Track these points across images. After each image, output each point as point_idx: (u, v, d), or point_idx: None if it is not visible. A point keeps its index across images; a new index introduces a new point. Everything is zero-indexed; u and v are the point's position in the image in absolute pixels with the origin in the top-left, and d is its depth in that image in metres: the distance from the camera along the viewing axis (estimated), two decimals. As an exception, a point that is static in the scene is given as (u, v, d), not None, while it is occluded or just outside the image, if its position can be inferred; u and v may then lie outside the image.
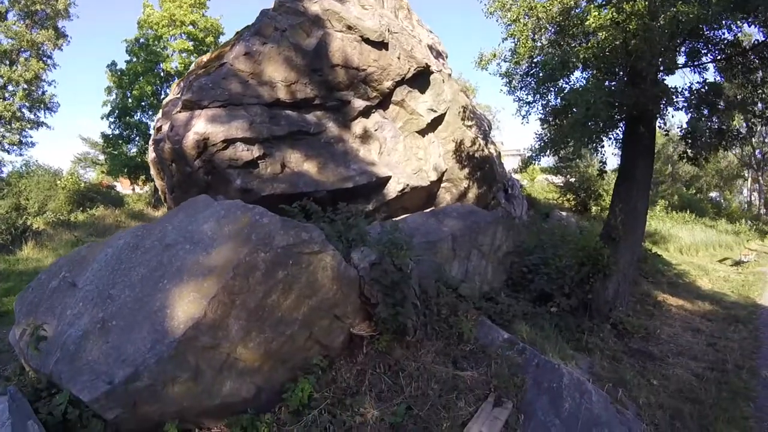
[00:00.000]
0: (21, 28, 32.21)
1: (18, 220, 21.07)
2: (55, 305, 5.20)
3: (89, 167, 46.92)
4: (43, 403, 4.39)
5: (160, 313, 4.44)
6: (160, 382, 4.25)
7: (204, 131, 10.29)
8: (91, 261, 5.45)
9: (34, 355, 4.64)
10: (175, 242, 5.07)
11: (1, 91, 32.62)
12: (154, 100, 35.64)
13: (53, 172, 34.44)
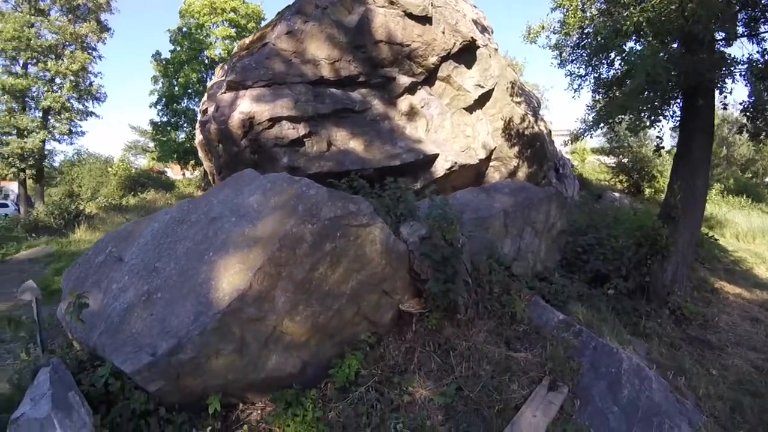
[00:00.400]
0: (64, 23, 32.91)
1: (71, 206, 21.78)
2: (101, 279, 5.18)
3: (139, 154, 48.20)
4: (85, 375, 4.38)
5: (205, 285, 4.33)
6: (203, 354, 4.16)
7: (249, 110, 10.24)
8: (137, 236, 5.43)
9: (79, 327, 4.61)
10: (220, 215, 4.97)
11: (50, 84, 33.34)
12: (200, 87, 36.22)
13: (104, 159, 35.86)
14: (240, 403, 4.71)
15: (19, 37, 31.05)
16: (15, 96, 31.99)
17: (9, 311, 8.66)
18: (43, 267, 12.06)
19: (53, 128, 33.27)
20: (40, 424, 3.81)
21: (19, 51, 31.83)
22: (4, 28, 30.82)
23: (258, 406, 4.72)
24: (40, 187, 34.25)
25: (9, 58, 32.28)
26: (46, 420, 3.81)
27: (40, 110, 33.30)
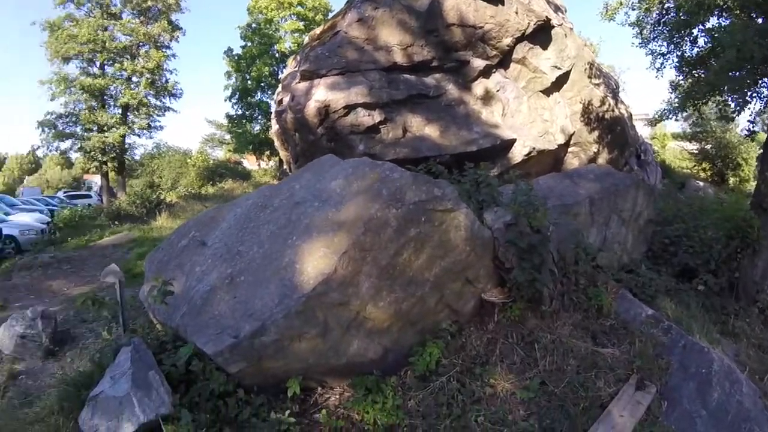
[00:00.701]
0: (136, 25, 34.55)
1: (152, 196, 22.97)
2: (184, 262, 5.24)
3: (216, 146, 50.13)
4: (167, 355, 4.41)
5: (289, 269, 4.28)
6: (286, 337, 4.11)
7: (324, 98, 10.28)
8: (219, 221, 5.47)
9: (161, 309, 4.66)
10: (303, 200, 4.92)
11: (127, 82, 35.18)
12: (272, 80, 37.51)
13: (183, 152, 37.68)
14: (318, 387, 4.66)
15: (94, 40, 33.10)
16: (94, 95, 34.07)
17: (93, 293, 8.99)
18: (126, 252, 12.56)
19: (132, 123, 35.24)
20: (119, 401, 3.89)
21: (95, 53, 33.96)
22: (79, 32, 32.99)
23: (336, 391, 4.65)
24: (122, 179, 36.32)
25: (86, 60, 34.57)
26: (125, 398, 3.88)
27: (119, 107, 35.24)
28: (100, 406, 3.93)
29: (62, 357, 6.29)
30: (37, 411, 4.77)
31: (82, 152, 34.77)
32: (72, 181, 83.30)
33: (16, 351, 6.33)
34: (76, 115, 34.33)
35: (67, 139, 34.78)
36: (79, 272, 10.93)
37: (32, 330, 6.34)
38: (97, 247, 13.64)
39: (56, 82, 33.72)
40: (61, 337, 6.64)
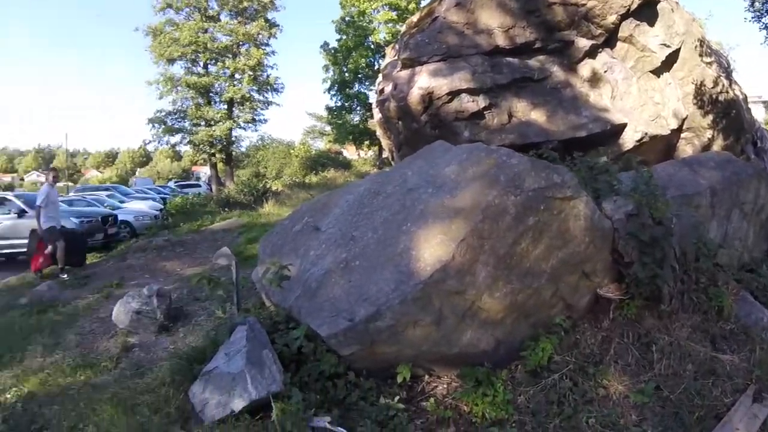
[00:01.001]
0: (235, 25, 36.22)
1: (258, 184, 24.30)
2: (298, 246, 5.36)
3: (317, 138, 51.99)
4: (279, 335, 4.51)
5: (405, 255, 4.25)
6: (401, 323, 4.09)
7: (428, 85, 10.15)
8: (332, 207, 5.54)
9: (276, 291, 4.77)
10: (416, 186, 4.87)
11: (230, 79, 37.34)
12: (369, 71, 38.30)
13: (286, 143, 39.45)
14: (426, 375, 4.61)
15: (196, 42, 35.14)
16: (200, 92, 36.11)
17: (206, 273, 9.43)
18: (236, 236, 13.16)
19: (238, 117, 36.98)
20: (233, 377, 4.00)
21: (197, 54, 36.04)
22: (181, 35, 35.15)
23: (444, 380, 4.58)
24: (230, 169, 38.44)
25: (190, 61, 36.79)
26: (239, 375, 3.98)
27: (224, 102, 37.18)
28: (213, 381, 4.08)
29: (175, 332, 6.68)
30: (148, 381, 5.03)
31: (191, 145, 37.18)
32: (181, 172, 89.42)
33: (131, 325, 6.79)
34: (183, 111, 36.84)
35: (177, 133, 37.29)
36: (191, 254, 11.58)
37: (147, 306, 6.76)
38: (208, 231, 14.42)
39: (163, 82, 36.36)
40: (174, 313, 7.06)
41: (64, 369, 5.91)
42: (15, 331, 7.68)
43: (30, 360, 6.45)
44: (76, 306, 8.56)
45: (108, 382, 5.40)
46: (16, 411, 5.11)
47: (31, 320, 8.09)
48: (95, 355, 6.30)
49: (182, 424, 4.14)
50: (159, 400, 4.52)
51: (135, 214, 18.66)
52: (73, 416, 4.73)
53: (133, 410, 4.49)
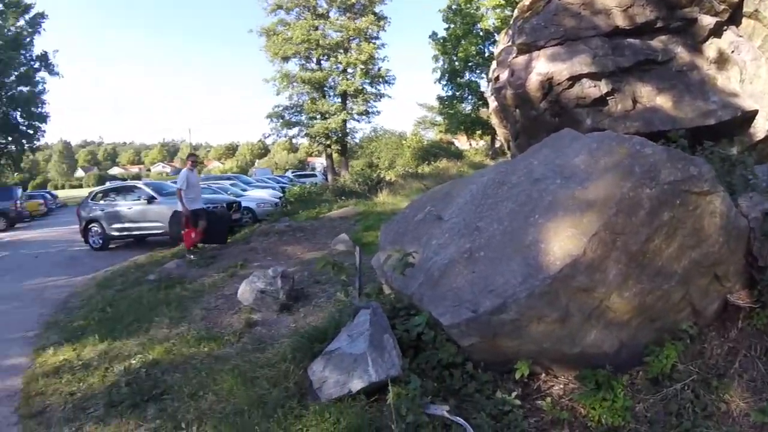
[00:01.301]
0: (344, 21, 37.16)
1: (372, 174, 25.30)
2: (420, 235, 5.35)
3: (428, 128, 52.35)
4: (400, 321, 4.53)
5: (533, 248, 4.11)
6: (526, 317, 3.95)
7: (546, 71, 9.82)
8: (454, 196, 5.48)
9: (398, 277, 4.77)
10: (543, 177, 4.69)
11: (343, 73, 38.37)
12: (479, 59, 38.14)
13: (399, 134, 40.21)
14: (543, 373, 4.45)
15: (308, 39, 36.41)
16: (315, 86, 37.48)
17: (327, 258, 9.75)
18: (353, 224, 13.60)
19: (351, 110, 38.02)
20: (354, 358, 4.09)
21: (310, 51, 37.44)
22: (293, 34, 36.67)
23: (561, 380, 4.39)
24: (345, 160, 39.59)
25: (303, 58, 38.27)
26: (360, 356, 4.06)
27: (338, 96, 38.31)
28: (334, 361, 4.19)
29: (295, 312, 6.99)
30: (269, 356, 5.29)
31: (308, 137, 38.71)
32: (297, 162, 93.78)
33: (254, 303, 7.17)
34: (300, 105, 38.49)
35: (294, 126, 38.96)
36: (311, 240, 12.07)
37: (271, 287, 7.12)
38: (326, 218, 15.03)
39: (279, 79, 38.10)
40: (296, 294, 7.39)
41: (188, 340, 6.37)
42: (143, 303, 8.46)
43: (156, 330, 7.03)
44: (202, 283, 9.23)
45: (230, 354, 5.74)
46: (140, 376, 5.54)
47: (159, 295, 8.85)
48: (219, 329, 6.72)
49: (299, 399, 4.31)
50: (278, 375, 4.75)
51: (257, 202, 19.94)
52: (195, 384, 5.09)
53: (253, 382, 4.77)
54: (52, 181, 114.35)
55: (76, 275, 12.52)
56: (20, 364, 6.78)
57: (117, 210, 15.98)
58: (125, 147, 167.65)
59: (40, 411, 5.23)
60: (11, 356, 7.15)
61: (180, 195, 11.39)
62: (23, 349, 7.32)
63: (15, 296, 10.74)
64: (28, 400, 5.54)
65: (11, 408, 5.48)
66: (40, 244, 19.60)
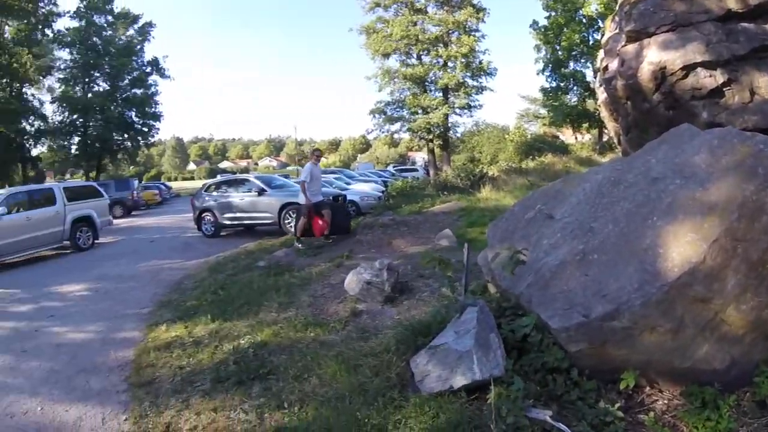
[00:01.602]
0: (443, 15, 36.89)
1: (474, 169, 24.97)
2: (530, 234, 5.23)
3: (531, 121, 50.99)
4: (506, 321, 4.48)
5: (650, 252, 3.93)
6: (638, 326, 3.78)
7: (659, 60, 9.25)
8: (567, 195, 5.32)
9: (506, 276, 4.71)
10: (662, 176, 4.45)
11: (444, 67, 38.54)
12: (584, 47, 36.70)
13: (501, 128, 39.53)
14: (647, 386, 4.19)
15: (407, 35, 36.49)
16: (416, 82, 37.61)
17: (429, 253, 9.83)
18: (456, 219, 13.50)
19: (453, 104, 37.81)
20: (459, 355, 4.08)
21: (410, 46, 37.49)
22: (392, 31, 36.79)
23: (665, 395, 4.12)
24: (446, 154, 39.59)
25: (403, 54, 38.41)
26: (466, 354, 4.05)
27: (439, 90, 38.27)
28: (439, 356, 4.21)
29: (399, 304, 7.04)
30: (372, 346, 5.37)
31: (410, 132, 38.98)
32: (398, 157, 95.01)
33: (360, 294, 7.32)
34: (401, 101, 38.75)
35: (396, 122, 39.37)
36: (414, 234, 12.11)
37: (377, 278, 7.24)
38: (429, 213, 15.04)
39: (381, 76, 38.60)
40: (400, 287, 7.47)
41: (295, 325, 6.60)
42: (253, 288, 8.89)
43: (265, 314, 7.37)
44: (310, 272, 9.50)
45: (335, 341, 5.88)
46: (248, 355, 5.82)
47: (268, 281, 9.26)
48: (325, 317, 6.92)
49: (400, 389, 4.38)
50: (381, 364, 4.82)
51: (361, 195, 20.41)
52: (299, 366, 5.29)
53: (356, 369, 4.87)
54: (166, 173, 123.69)
55: (189, 259, 13.52)
56: (133, 337, 7.35)
57: (229, 201, 17.13)
58: (234, 143, 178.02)
59: (149, 381, 5.67)
60: (125, 330, 7.75)
61: (303, 188, 11.96)
62: (137, 325, 7.93)
63: (131, 276, 11.77)
64: (138, 371, 5.99)
65: (122, 377, 6.01)
66: (155, 230, 21.40)
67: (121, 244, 17.77)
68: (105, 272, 12.36)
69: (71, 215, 16.11)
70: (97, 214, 17.25)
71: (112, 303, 9.42)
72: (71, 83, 42.33)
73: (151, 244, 17.21)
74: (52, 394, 5.67)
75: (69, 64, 42.17)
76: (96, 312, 8.86)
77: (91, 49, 41.25)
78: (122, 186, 31.80)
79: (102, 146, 43.22)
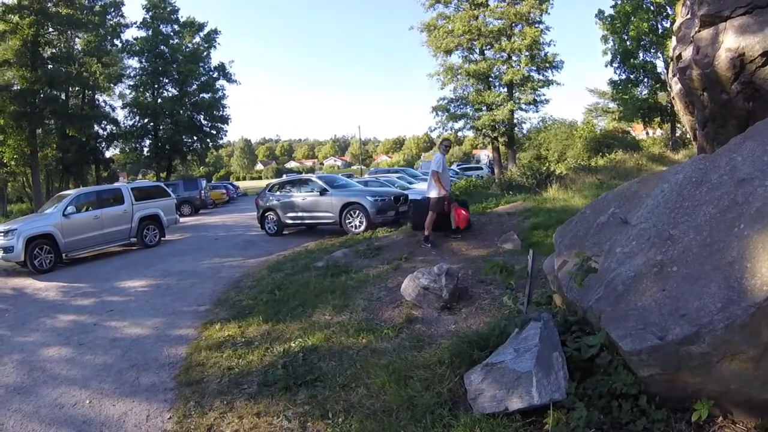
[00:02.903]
0: (504, 7, 36.22)
1: (541, 168, 24.18)
2: (602, 240, 4.76)
3: (600, 116, 49.32)
4: (571, 338, 4.07)
5: (737, 266, 3.41)
6: (718, 352, 3.27)
7: (736, 46, 8.25)
8: (643, 197, 4.78)
9: (573, 287, 4.32)
10: (750, 177, 3.89)
11: (508, 61, 37.36)
12: (653, 36, 35.22)
13: (568, 123, 38.29)
14: (719, 417, 3.65)
15: (469, 30, 35.90)
16: (479, 77, 37.01)
17: (489, 256, 9.51)
18: (521, 221, 12.86)
19: (518, 99, 36.95)
20: (517, 376, 3.70)
21: (472, 41, 36.88)
22: (454, 26, 36.28)
23: (738, 428, 3.57)
24: (512, 152, 38.74)
25: (466, 49, 37.76)
26: (525, 375, 3.67)
27: (503, 86, 37.49)
28: (495, 374, 3.85)
29: (457, 312, 6.65)
30: (426, 357, 5.10)
31: (474, 130, 38.27)
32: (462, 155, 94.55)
33: (416, 299, 6.99)
34: (465, 97, 38.17)
35: (460, 119, 38.75)
36: (476, 236, 11.63)
37: (435, 284, 6.86)
38: (493, 214, 14.41)
39: (443, 73, 38.14)
40: (458, 293, 7.05)
41: (348, 329, 6.40)
42: (310, 289, 8.77)
43: (318, 316, 7.24)
44: (367, 274, 9.27)
45: (387, 349, 5.62)
46: (297, 360, 5.70)
47: (324, 282, 9.13)
48: (379, 322, 6.67)
49: (451, 407, 4.08)
50: (433, 378, 4.55)
51: (423, 195, 19.83)
52: (348, 374, 5.09)
53: (406, 382, 4.60)
54: (234, 173, 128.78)
55: (250, 257, 13.69)
56: (188, 335, 7.43)
57: (292, 200, 17.37)
58: (300, 143, 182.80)
59: (197, 380, 5.66)
60: (181, 327, 7.86)
61: (437, 177, 11.55)
62: (193, 322, 8.03)
63: (193, 273, 12.06)
64: (188, 369, 6.01)
65: (171, 374, 6.02)
66: (221, 228, 22.06)
67: (186, 242, 18.36)
68: (168, 268, 12.77)
69: (138, 214, 17.07)
70: (164, 213, 18.11)
71: (171, 299, 9.65)
72: (141, 89, 44.61)
73: (215, 242, 17.65)
74: (102, 388, 5.78)
75: (138, 71, 44.74)
76: (155, 307, 9.11)
77: (159, 56, 43.52)
78: (191, 186, 33.32)
79: (172, 148, 45.27)
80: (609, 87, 40.81)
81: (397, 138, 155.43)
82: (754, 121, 8.75)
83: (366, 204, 15.67)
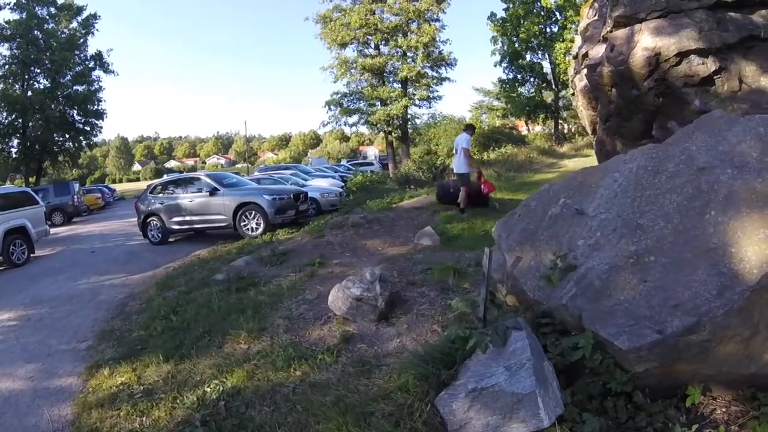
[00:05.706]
0: (403, 3, 36.54)
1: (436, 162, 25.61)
2: (559, 233, 4.55)
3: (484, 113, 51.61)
4: (550, 342, 3.78)
5: (721, 252, 3.44)
6: (717, 338, 3.27)
7: (654, 45, 9.19)
8: (593, 187, 4.66)
9: (542, 286, 4.11)
10: (708, 165, 3.97)
11: (403, 58, 37.99)
12: (542, 39, 37.16)
13: (457, 120, 39.88)
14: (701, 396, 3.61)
15: (366, 24, 35.89)
16: (374, 72, 36.95)
17: (409, 254, 9.11)
18: (431, 215, 12.63)
19: (413, 95, 37.40)
20: (518, 399, 3.17)
21: (368, 36, 36.89)
22: (350, 19, 36.09)
23: (718, 402, 3.61)
24: (406, 147, 39.27)
25: (362, 43, 37.78)
26: (527, 397, 3.15)
27: (398, 81, 37.78)
28: (485, 399, 3.30)
29: (396, 322, 5.86)
30: (380, 384, 4.30)
31: (368, 125, 38.38)
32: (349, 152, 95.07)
33: (348, 313, 6.10)
34: (359, 92, 37.89)
35: (353, 114, 38.46)
36: (389, 233, 11.17)
37: (369, 293, 6.02)
38: (400, 209, 14.01)
39: (337, 66, 37.75)
40: (392, 299, 6.26)
41: (274, 360, 5.31)
42: (214, 310, 7.47)
43: (232, 346, 6.02)
44: (279, 285, 8.12)
45: (329, 380, 4.66)
46: (219, 411, 4.58)
47: (230, 299, 7.88)
48: (309, 345, 5.60)
49: (433, 446, 3.41)
50: (400, 411, 3.70)
51: (321, 192, 19.31)
52: (290, 423, 4.12)
53: (367, 421, 3.75)
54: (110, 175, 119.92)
55: (134, 273, 12.00)
56: (70, 386, 6.01)
57: (177, 203, 15.72)
58: (181, 141, 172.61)
59: None
60: (60, 375, 6.35)
61: (468, 154, 12.43)
62: (74, 366, 6.57)
63: (69, 298, 10.17)
64: None
65: None
66: (97, 238, 19.65)
67: (59, 257, 15.96)
68: (39, 293, 10.74)
69: (3, 226, 14.23)
70: (32, 224, 15.39)
71: (46, 334, 7.97)
72: (10, 80, 38.65)
73: (92, 256, 15.43)
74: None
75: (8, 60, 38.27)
76: (27, 348, 7.46)
77: (32, 42, 37.85)
78: (62, 190, 29.21)
79: (42, 148, 39.86)
80: (497, 86, 43.50)
81: (283, 135, 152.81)
82: (662, 116, 9.67)
83: (263, 204, 14.55)
